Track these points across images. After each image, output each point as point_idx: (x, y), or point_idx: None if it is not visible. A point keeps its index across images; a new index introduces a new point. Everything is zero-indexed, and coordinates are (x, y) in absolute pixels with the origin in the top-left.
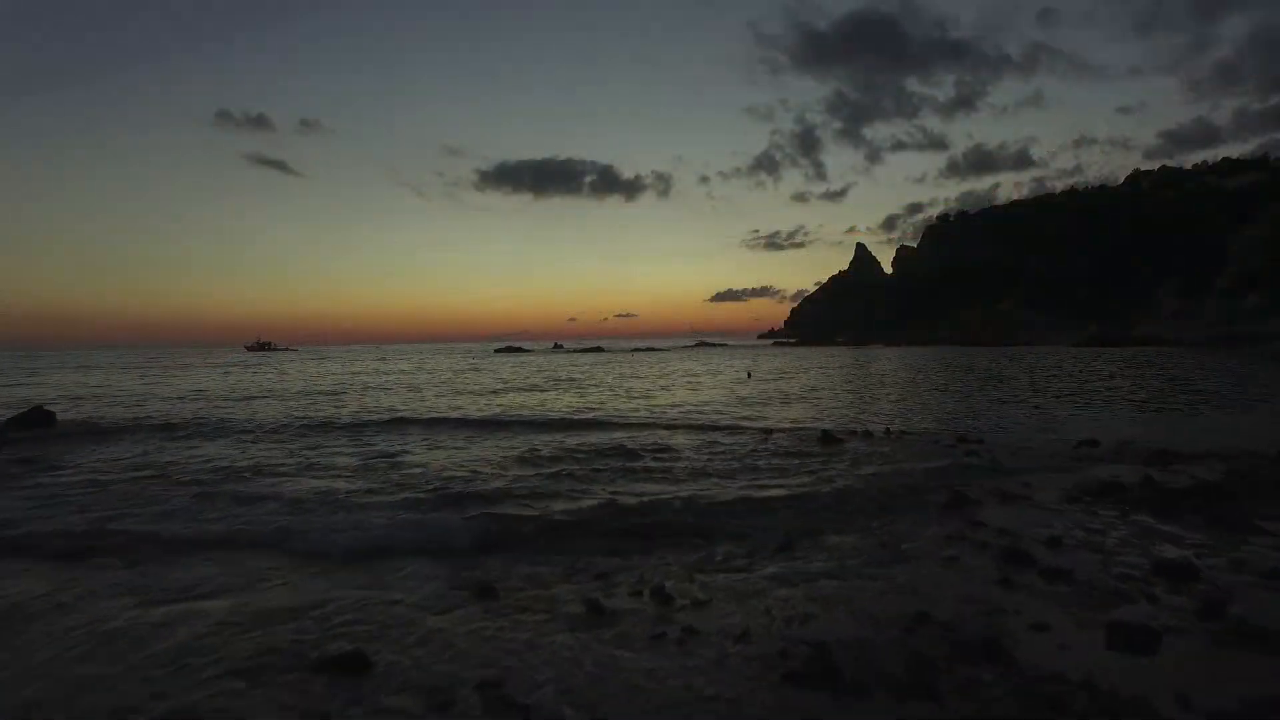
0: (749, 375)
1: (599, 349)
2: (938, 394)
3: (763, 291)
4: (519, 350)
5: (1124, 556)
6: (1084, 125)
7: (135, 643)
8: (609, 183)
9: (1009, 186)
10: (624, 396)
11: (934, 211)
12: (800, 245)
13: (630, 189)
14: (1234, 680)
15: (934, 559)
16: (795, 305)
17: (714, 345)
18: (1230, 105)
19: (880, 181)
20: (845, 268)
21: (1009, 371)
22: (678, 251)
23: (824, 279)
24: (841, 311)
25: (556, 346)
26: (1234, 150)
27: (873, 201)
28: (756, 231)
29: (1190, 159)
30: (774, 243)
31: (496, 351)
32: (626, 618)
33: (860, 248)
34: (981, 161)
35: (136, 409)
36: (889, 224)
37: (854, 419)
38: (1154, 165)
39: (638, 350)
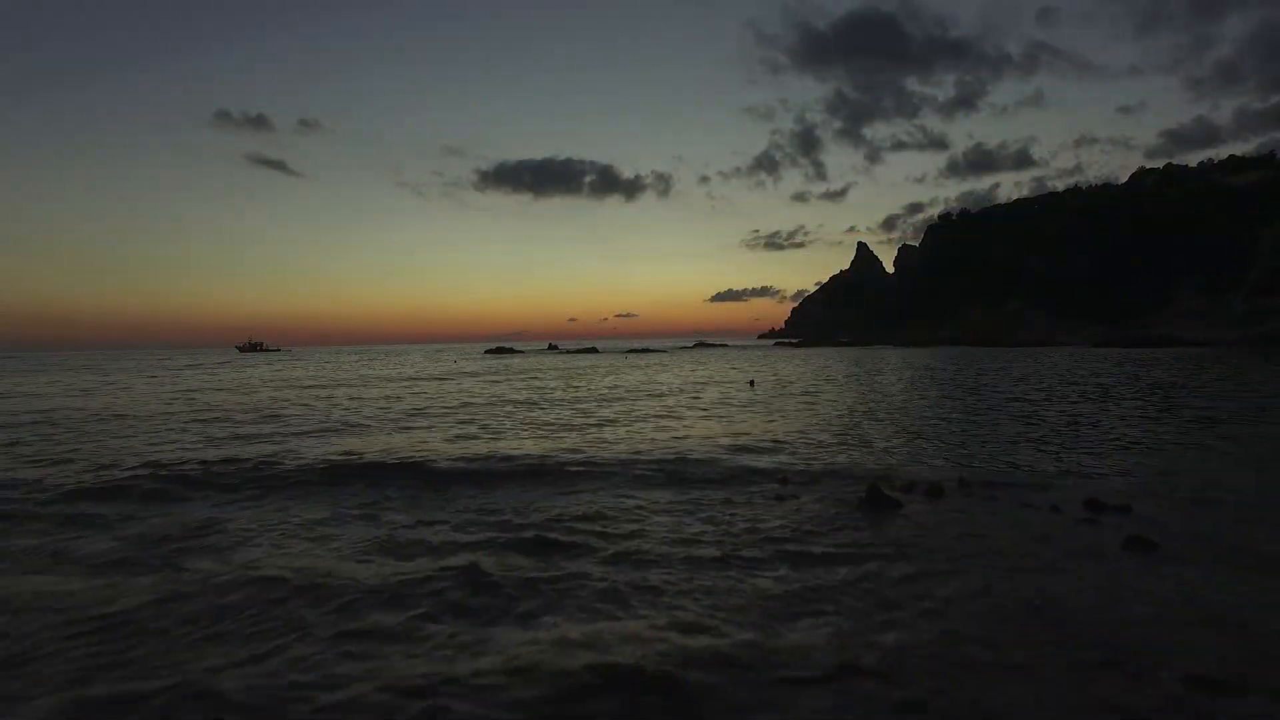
0: (752, 385)
1: (594, 350)
2: (989, 411)
3: (763, 291)
4: (510, 351)
5: None
6: (1084, 125)
7: None
8: (609, 183)
9: (1009, 186)
10: (596, 423)
11: (934, 211)
12: (800, 245)
13: (630, 189)
14: None
15: None
16: (796, 305)
17: (714, 346)
18: (1230, 105)
19: (880, 181)
20: (845, 267)
21: (1047, 379)
22: (678, 251)
23: (824, 279)
24: (842, 311)
25: (551, 347)
26: (1235, 150)
27: (872, 201)
28: (756, 231)
29: (1191, 158)
30: (774, 243)
31: (487, 353)
32: None
33: (861, 246)
34: (981, 161)
35: None
36: (889, 224)
37: (896, 453)
38: (1157, 164)
39: (633, 352)
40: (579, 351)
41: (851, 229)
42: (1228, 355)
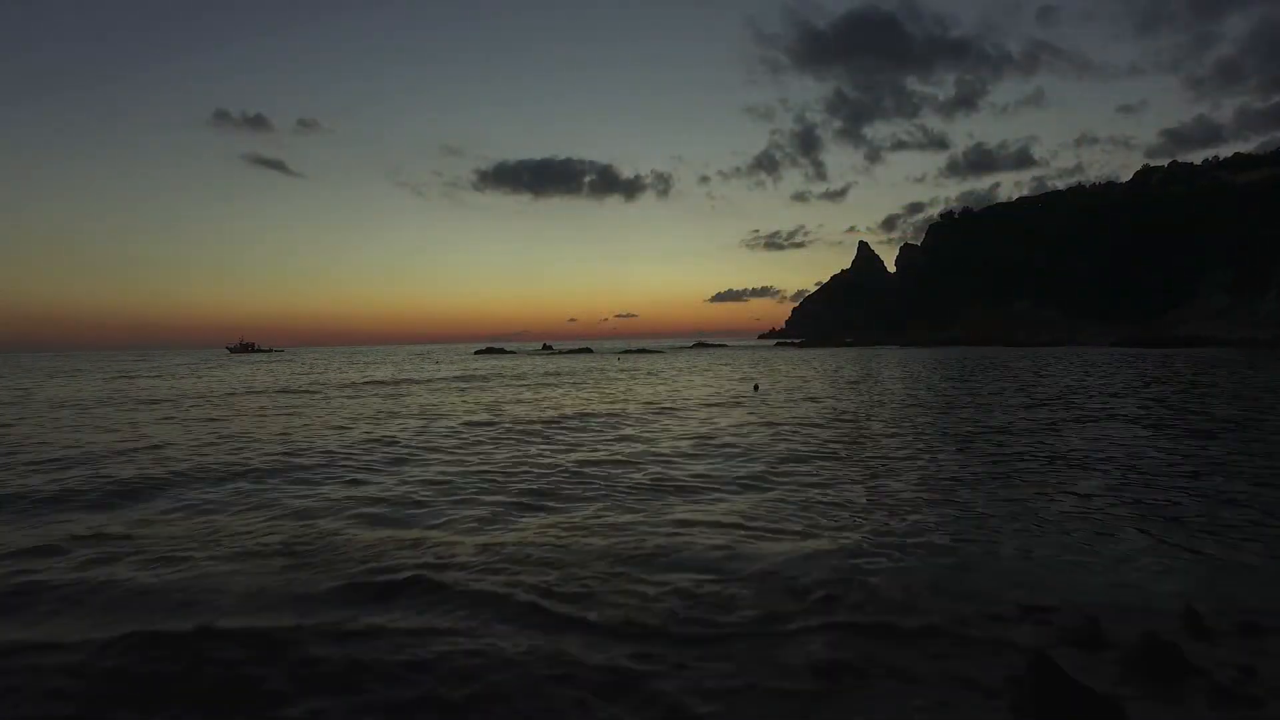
0: (756, 389)
1: (588, 350)
2: (1126, 441)
3: (763, 291)
4: (500, 352)
5: None
6: (1085, 124)
7: None
8: (608, 183)
9: (1009, 186)
10: (528, 469)
11: (934, 211)
12: (800, 245)
13: (630, 189)
14: None
15: None
16: (796, 305)
17: (714, 346)
18: (1232, 104)
19: (880, 181)
20: (846, 267)
21: (1119, 384)
22: (678, 251)
23: (824, 279)
24: (843, 311)
25: (545, 348)
26: (1236, 149)
27: (873, 201)
28: (756, 231)
29: (1193, 157)
30: (774, 243)
31: (476, 353)
32: None
33: (863, 246)
34: (982, 161)
35: None
36: (889, 224)
37: (1023, 534)
38: (1160, 163)
39: (629, 352)
40: (573, 352)
41: (852, 229)
42: (1274, 355)
